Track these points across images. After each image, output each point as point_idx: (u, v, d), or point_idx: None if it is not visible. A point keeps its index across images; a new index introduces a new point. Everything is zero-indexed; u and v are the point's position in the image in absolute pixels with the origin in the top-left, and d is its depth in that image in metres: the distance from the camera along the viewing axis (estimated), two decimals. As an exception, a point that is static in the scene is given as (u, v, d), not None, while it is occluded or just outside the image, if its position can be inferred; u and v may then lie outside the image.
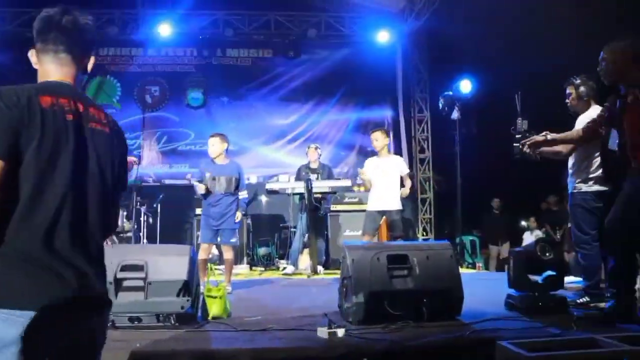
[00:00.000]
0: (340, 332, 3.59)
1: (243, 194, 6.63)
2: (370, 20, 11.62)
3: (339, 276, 4.76)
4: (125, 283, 3.98)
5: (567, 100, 5.11)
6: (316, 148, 8.96)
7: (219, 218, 6.31)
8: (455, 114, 9.30)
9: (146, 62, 12.04)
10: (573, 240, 5.07)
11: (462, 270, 6.21)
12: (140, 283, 3.95)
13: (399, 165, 7.03)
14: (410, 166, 11.76)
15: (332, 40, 11.85)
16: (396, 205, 6.87)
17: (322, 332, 3.62)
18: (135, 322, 3.94)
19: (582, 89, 4.94)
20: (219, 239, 6.41)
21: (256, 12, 11.37)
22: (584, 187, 4.85)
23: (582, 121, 4.84)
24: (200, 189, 6.30)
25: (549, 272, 4.41)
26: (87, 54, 2.03)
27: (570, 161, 5.02)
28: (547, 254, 4.51)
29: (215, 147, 6.48)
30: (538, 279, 4.44)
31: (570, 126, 4.94)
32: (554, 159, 5.02)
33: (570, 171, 5.02)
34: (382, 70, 11.87)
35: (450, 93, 9.62)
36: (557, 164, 5.31)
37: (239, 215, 6.50)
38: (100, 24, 11.17)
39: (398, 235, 6.81)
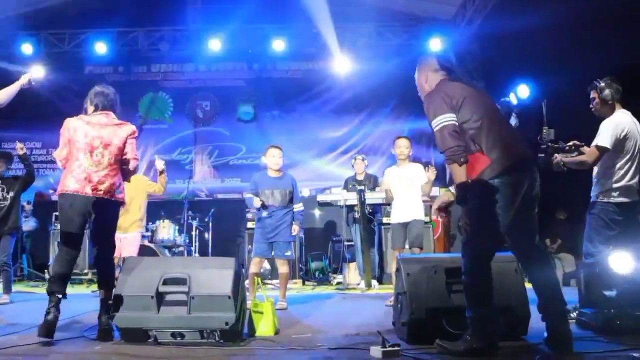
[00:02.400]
0: (395, 352, 3.33)
1: (299, 207, 6.43)
2: (422, 29, 11.36)
3: (393, 291, 4.51)
4: (168, 297, 3.81)
5: (591, 106, 4.83)
6: (362, 159, 8.78)
7: (273, 230, 6.14)
8: (512, 121, 8.89)
9: (197, 77, 12.13)
10: (583, 250, 4.74)
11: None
12: (183, 297, 3.78)
13: (420, 174, 6.67)
14: (466, 176, 11.37)
15: (384, 50, 11.61)
16: (419, 215, 6.53)
17: (376, 352, 3.37)
18: (178, 338, 3.78)
19: (605, 92, 4.65)
20: (272, 253, 6.23)
21: (306, 24, 11.25)
22: (606, 198, 4.60)
23: (604, 128, 4.57)
24: (257, 202, 6.13)
25: (626, 287, 4.01)
26: None
27: (595, 170, 4.77)
28: (623, 268, 4.12)
29: (278, 158, 6.33)
30: (613, 294, 4.06)
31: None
32: (580, 168, 4.74)
33: (594, 180, 4.77)
34: (435, 79, 11.57)
35: (508, 99, 9.22)
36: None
37: (295, 227, 6.31)
38: (152, 41, 11.32)
39: (417, 247, 6.44)
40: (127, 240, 6.26)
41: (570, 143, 4.62)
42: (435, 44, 11.11)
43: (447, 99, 3.53)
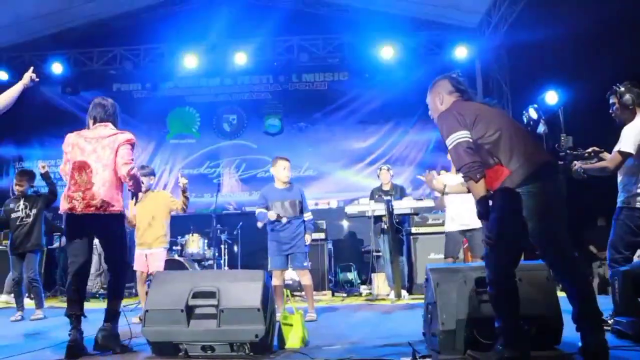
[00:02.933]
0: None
1: (309, 216, 6.44)
2: (447, 37, 11.31)
3: (423, 302, 4.46)
4: (197, 310, 3.83)
5: (611, 111, 4.77)
6: (388, 169, 8.75)
7: (288, 242, 6.14)
8: (541, 128, 8.77)
9: (223, 91, 12.24)
10: (607, 256, 4.69)
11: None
12: (213, 310, 3.79)
13: None
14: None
15: (409, 59, 11.57)
16: (478, 222, 6.41)
17: (406, 363, 3.34)
18: (209, 352, 3.79)
19: (626, 97, 4.60)
20: (289, 265, 6.24)
21: (330, 35, 11.30)
22: (632, 204, 4.53)
23: (626, 133, 4.51)
24: (272, 215, 6.13)
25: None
26: None
27: (619, 176, 4.70)
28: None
29: (287, 170, 6.34)
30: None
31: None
32: (601, 175, 4.69)
33: (619, 186, 4.71)
34: (462, 87, 11.50)
35: (536, 106, 9.10)
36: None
37: (308, 238, 6.32)
38: (178, 56, 11.47)
39: (480, 256, 6.35)
40: (153, 256, 6.30)
41: (590, 150, 4.55)
42: (461, 52, 11.06)
43: (459, 117, 3.51)
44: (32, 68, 4.64)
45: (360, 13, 11.10)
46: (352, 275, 9.80)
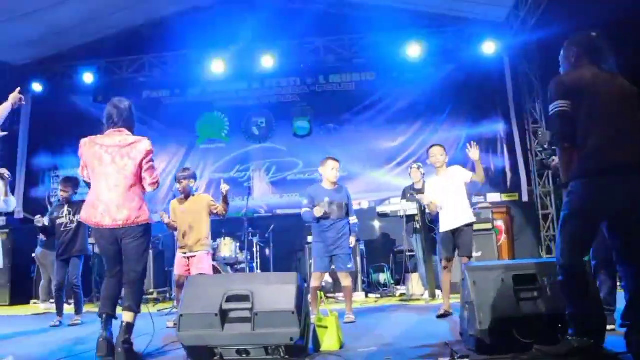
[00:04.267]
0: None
1: (354, 219, 6.40)
2: (474, 33, 11.14)
3: (458, 301, 4.39)
4: (232, 314, 3.82)
5: None
6: (419, 167, 8.64)
7: (334, 243, 6.10)
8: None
9: (251, 95, 12.26)
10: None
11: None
12: (247, 314, 3.78)
13: (461, 174, 6.40)
14: (529, 180, 11.07)
15: (436, 57, 11.46)
16: (467, 218, 6.22)
17: (444, 364, 3.28)
18: (244, 355, 3.79)
19: None
20: (333, 266, 6.20)
21: (355, 35, 11.24)
22: None
23: None
24: (318, 211, 6.06)
25: None
26: None
27: None
28: None
29: (336, 171, 6.31)
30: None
31: None
32: None
33: None
34: (490, 83, 11.35)
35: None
36: None
37: (352, 240, 6.29)
38: (205, 62, 11.54)
39: (465, 255, 6.18)
40: (195, 259, 6.28)
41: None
42: (489, 48, 10.89)
43: (566, 86, 3.49)
44: (18, 89, 4.66)
45: (384, 12, 10.99)
46: (385, 276, 9.72)
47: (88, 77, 11.74)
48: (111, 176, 4.26)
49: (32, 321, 5.51)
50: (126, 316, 4.22)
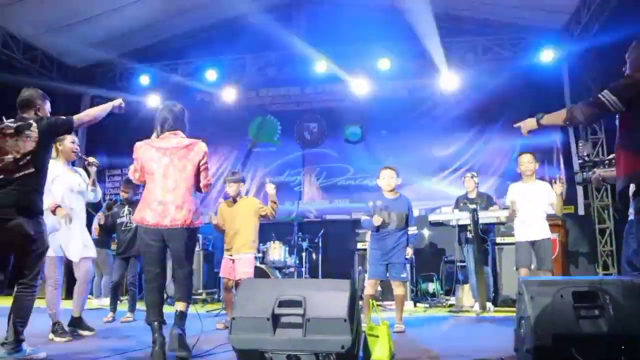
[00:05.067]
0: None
1: (413, 230, 6.33)
2: (532, 40, 10.92)
3: (509, 314, 4.28)
4: (283, 319, 3.80)
5: None
6: (472, 177, 8.50)
7: (389, 251, 6.07)
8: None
9: (304, 99, 12.32)
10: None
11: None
12: (299, 320, 3.76)
13: (548, 193, 6.29)
14: (586, 194, 10.76)
15: (491, 64, 11.27)
16: (547, 233, 6.18)
17: (500, 380, 3.19)
18: (294, 361, 3.76)
19: None
20: (387, 274, 6.16)
21: (410, 41, 11.13)
22: None
23: None
24: (377, 220, 6.06)
25: None
26: None
27: None
28: None
29: (392, 180, 6.31)
30: None
31: None
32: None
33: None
34: (547, 91, 11.05)
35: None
36: None
37: (409, 251, 6.23)
38: (259, 66, 11.65)
39: (548, 269, 6.07)
40: (240, 262, 6.32)
41: (611, 156, 4.20)
42: (547, 56, 10.65)
43: (627, 87, 3.47)
44: (121, 99, 4.80)
45: (440, 19, 10.87)
46: (434, 286, 9.60)
47: (144, 80, 12.03)
48: (170, 178, 4.33)
49: (86, 316, 5.66)
50: (180, 305, 4.34)
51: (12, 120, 4.33)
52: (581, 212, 10.69)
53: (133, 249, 7.07)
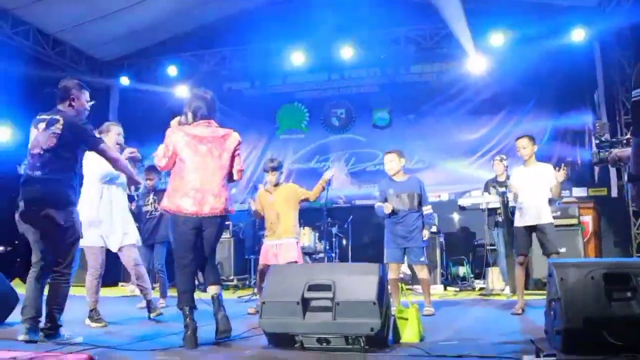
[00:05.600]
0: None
1: (428, 209, 6.32)
2: (561, 20, 10.68)
3: (539, 297, 4.27)
4: (313, 303, 3.86)
5: None
6: (501, 160, 8.40)
7: (405, 236, 6.09)
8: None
9: (331, 85, 12.30)
10: None
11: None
12: (328, 303, 3.81)
13: (548, 175, 6.09)
14: (619, 175, 10.57)
15: (520, 46, 11.08)
16: (548, 218, 6.00)
17: (530, 361, 3.19)
18: (324, 344, 3.81)
19: None
20: (405, 258, 6.18)
21: (437, 25, 11.00)
22: None
23: None
24: (387, 208, 6.12)
25: None
26: None
27: None
28: None
29: (393, 163, 6.30)
30: None
31: None
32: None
33: None
34: (578, 72, 10.86)
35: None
36: None
37: (426, 233, 6.22)
38: (285, 53, 11.65)
39: (552, 252, 5.90)
40: (283, 246, 6.33)
41: (628, 135, 4.09)
42: (579, 35, 10.41)
43: None
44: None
45: (467, 1, 10.71)
46: (464, 269, 9.58)
47: (172, 70, 12.11)
48: (208, 166, 4.37)
49: (120, 303, 5.78)
50: (215, 289, 4.44)
51: (47, 113, 4.44)
52: (614, 194, 10.50)
53: (157, 235, 7.17)
